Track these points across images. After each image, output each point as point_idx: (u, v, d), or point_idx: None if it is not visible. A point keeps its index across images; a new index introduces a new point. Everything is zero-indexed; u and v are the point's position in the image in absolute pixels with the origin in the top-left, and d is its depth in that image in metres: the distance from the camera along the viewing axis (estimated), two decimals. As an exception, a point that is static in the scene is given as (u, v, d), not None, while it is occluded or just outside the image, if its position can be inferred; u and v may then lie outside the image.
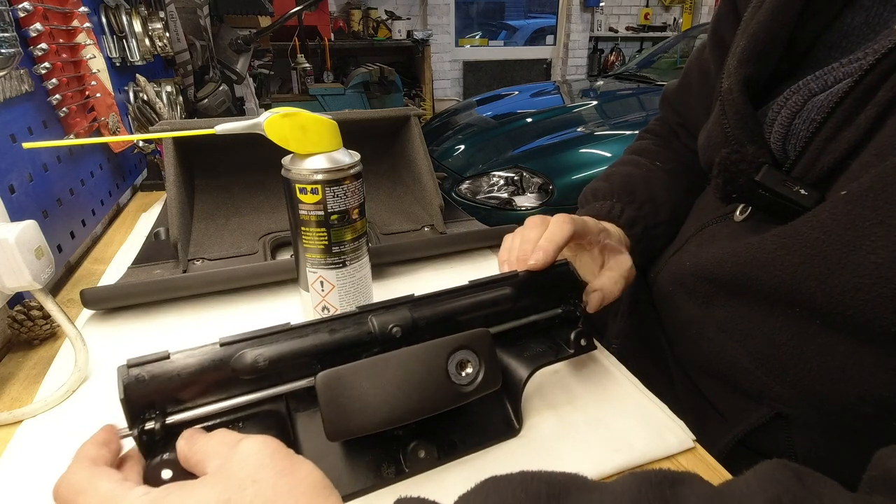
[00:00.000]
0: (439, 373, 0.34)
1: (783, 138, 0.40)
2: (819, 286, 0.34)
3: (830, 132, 0.36)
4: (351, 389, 0.32)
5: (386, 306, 0.37)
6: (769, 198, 0.38)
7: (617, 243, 0.52)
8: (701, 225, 0.50)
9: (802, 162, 0.38)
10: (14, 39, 0.54)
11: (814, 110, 0.37)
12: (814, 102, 0.38)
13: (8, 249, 0.40)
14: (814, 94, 0.38)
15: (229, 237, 0.64)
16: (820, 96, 0.37)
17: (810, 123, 0.38)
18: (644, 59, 3.20)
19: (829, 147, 0.36)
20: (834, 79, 0.37)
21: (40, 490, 0.34)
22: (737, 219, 0.45)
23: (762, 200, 0.39)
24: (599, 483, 0.25)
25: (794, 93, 0.39)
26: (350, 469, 0.35)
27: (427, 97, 4.63)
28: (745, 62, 0.42)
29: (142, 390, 0.30)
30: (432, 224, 0.69)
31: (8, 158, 0.55)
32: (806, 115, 0.38)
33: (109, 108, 0.84)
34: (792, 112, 0.39)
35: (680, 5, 5.44)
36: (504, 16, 5.50)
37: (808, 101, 0.38)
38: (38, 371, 0.46)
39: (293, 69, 3.26)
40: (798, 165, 0.38)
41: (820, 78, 0.38)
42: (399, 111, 0.72)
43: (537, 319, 0.42)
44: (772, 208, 0.39)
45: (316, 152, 0.42)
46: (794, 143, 0.39)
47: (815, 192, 0.36)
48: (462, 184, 2.00)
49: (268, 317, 0.54)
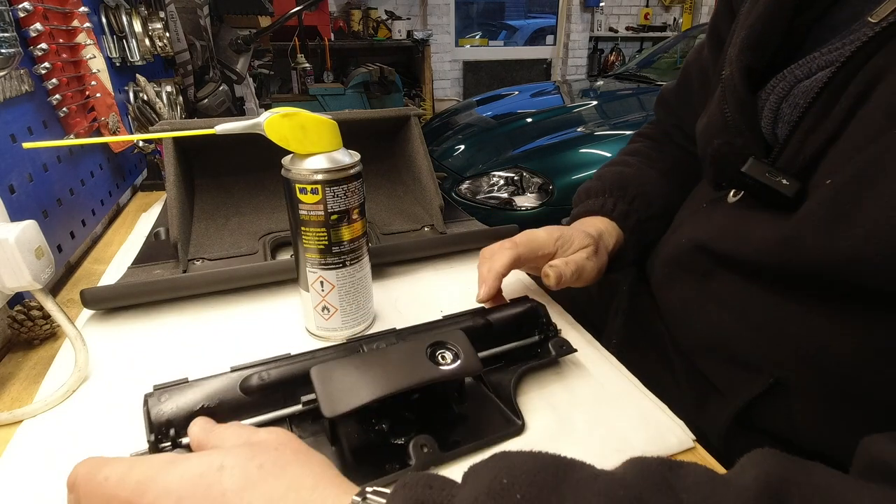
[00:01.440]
0: (420, 357, 0.38)
1: (773, 123, 0.42)
2: (808, 267, 0.37)
3: (811, 123, 0.38)
4: (341, 376, 0.36)
5: (373, 337, 0.42)
6: (754, 186, 0.41)
7: (607, 240, 0.55)
8: (696, 208, 0.52)
9: (788, 150, 0.40)
10: (14, 39, 0.54)
11: (799, 95, 0.40)
12: (799, 88, 0.40)
13: (8, 249, 0.40)
14: (799, 80, 0.40)
15: (229, 237, 0.64)
16: (805, 82, 0.40)
17: (795, 108, 0.40)
18: (644, 59, 3.20)
19: (811, 138, 0.38)
20: (817, 66, 0.39)
21: (40, 490, 0.34)
22: (730, 200, 0.47)
23: (750, 188, 0.42)
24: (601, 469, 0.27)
25: (781, 80, 0.41)
26: (355, 468, 0.35)
27: (427, 97, 4.63)
28: (746, 50, 0.44)
29: (164, 409, 0.34)
30: (432, 224, 0.69)
31: (8, 158, 0.55)
32: (792, 101, 0.40)
33: (109, 108, 0.84)
34: (779, 97, 0.41)
35: (680, 5, 5.44)
36: (504, 16, 5.50)
37: (793, 87, 0.40)
38: (38, 371, 0.46)
39: (293, 69, 3.26)
40: (784, 154, 0.41)
41: (803, 66, 0.40)
42: (399, 111, 0.72)
43: (516, 347, 0.45)
44: (760, 194, 0.41)
45: (316, 152, 0.43)
46: (781, 126, 0.42)
47: (797, 181, 0.39)
48: (462, 184, 2.00)
49: (268, 317, 0.54)
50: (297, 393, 0.37)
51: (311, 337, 0.50)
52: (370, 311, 0.51)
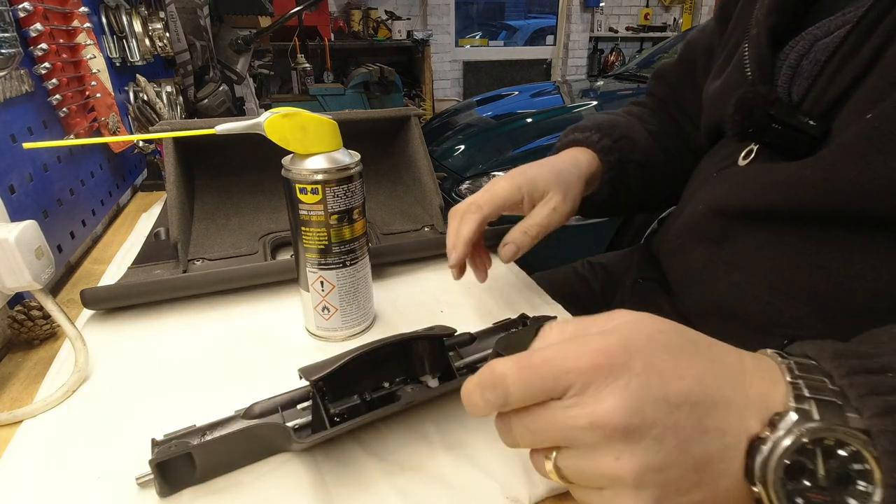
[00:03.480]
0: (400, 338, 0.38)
1: (790, 80, 0.44)
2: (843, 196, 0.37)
3: (836, 66, 0.39)
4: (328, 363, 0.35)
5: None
6: (781, 131, 0.42)
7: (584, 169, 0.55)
8: (706, 178, 0.53)
9: (809, 98, 0.42)
10: (14, 39, 0.54)
11: (819, 51, 0.41)
12: (819, 46, 0.41)
13: (8, 249, 0.40)
14: (818, 38, 0.42)
15: (229, 237, 0.64)
16: (825, 39, 0.41)
17: (815, 64, 0.41)
18: (644, 59, 3.20)
19: (836, 80, 0.39)
20: (836, 25, 0.41)
21: (41, 490, 0.34)
22: (741, 163, 0.48)
23: (774, 135, 0.43)
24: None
25: (800, 40, 0.43)
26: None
27: (427, 97, 4.63)
28: (773, 12, 0.46)
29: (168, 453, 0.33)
30: (432, 224, 0.69)
31: (8, 158, 0.55)
32: (812, 57, 0.42)
33: (109, 108, 0.84)
34: (799, 55, 0.43)
35: (680, 5, 5.44)
36: (504, 16, 5.50)
37: (813, 45, 0.42)
38: (38, 371, 0.46)
39: (293, 69, 3.26)
40: (805, 101, 0.42)
41: (823, 26, 0.42)
42: (399, 111, 0.72)
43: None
44: (781, 145, 0.43)
45: (316, 152, 0.42)
46: (798, 83, 0.43)
47: (822, 122, 0.40)
48: (462, 184, 2.00)
49: (268, 317, 0.54)
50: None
51: (312, 337, 0.50)
52: (370, 311, 0.51)
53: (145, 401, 0.42)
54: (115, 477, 0.35)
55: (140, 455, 0.34)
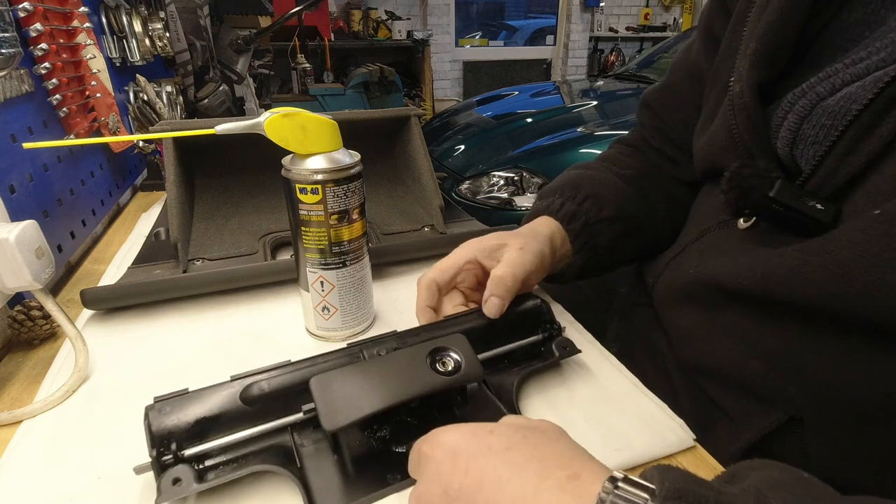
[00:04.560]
0: (421, 365, 0.37)
1: (790, 144, 0.39)
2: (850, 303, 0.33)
3: (849, 143, 0.35)
4: (341, 386, 0.35)
5: (374, 340, 0.41)
6: (783, 212, 0.37)
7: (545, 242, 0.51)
8: (701, 231, 0.49)
9: (819, 174, 0.37)
10: (14, 39, 0.54)
11: (824, 115, 0.36)
12: (822, 107, 0.37)
13: (8, 249, 0.40)
14: (821, 97, 0.37)
15: (229, 237, 0.64)
16: (829, 100, 0.36)
17: (821, 129, 0.37)
18: (644, 59, 3.20)
19: (849, 159, 0.35)
20: (841, 81, 0.36)
21: (40, 490, 0.34)
22: (741, 226, 0.44)
23: (776, 215, 0.38)
24: None
25: (800, 97, 0.38)
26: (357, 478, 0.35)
27: (427, 97, 4.63)
28: (758, 66, 0.41)
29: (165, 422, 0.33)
30: (432, 224, 0.69)
31: (8, 158, 0.55)
32: (816, 121, 0.37)
33: (109, 108, 0.84)
34: (799, 117, 0.38)
35: (680, 5, 5.43)
36: (504, 16, 5.50)
37: (816, 106, 0.37)
38: (38, 371, 0.46)
39: (293, 69, 3.26)
40: (814, 178, 0.37)
41: (825, 80, 0.37)
42: (399, 111, 0.72)
43: (518, 346, 0.45)
44: (783, 221, 0.38)
45: (316, 152, 0.43)
46: (802, 148, 0.38)
47: (832, 206, 0.36)
48: (462, 184, 2.00)
49: (268, 317, 0.54)
50: (299, 401, 0.36)
51: (312, 337, 0.50)
52: (370, 311, 0.51)
53: (145, 401, 0.42)
54: (115, 477, 0.35)
55: (140, 455, 0.33)
